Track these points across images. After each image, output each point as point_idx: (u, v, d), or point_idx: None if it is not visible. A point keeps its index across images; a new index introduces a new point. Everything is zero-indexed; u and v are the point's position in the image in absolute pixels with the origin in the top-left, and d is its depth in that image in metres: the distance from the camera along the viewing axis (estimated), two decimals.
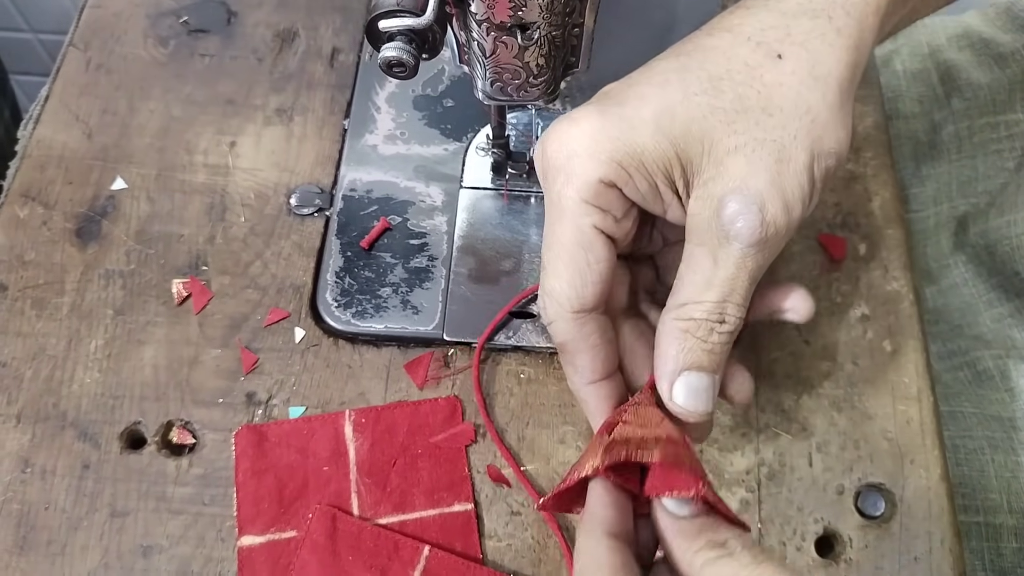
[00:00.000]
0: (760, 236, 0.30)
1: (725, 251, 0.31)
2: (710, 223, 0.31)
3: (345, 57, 0.57)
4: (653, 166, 0.32)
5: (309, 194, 0.52)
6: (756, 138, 0.30)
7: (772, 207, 0.30)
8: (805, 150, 0.31)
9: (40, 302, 0.48)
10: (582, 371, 0.35)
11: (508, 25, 0.36)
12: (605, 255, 0.33)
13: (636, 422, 0.32)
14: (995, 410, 0.53)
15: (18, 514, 0.43)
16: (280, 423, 0.45)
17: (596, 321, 0.34)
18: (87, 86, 0.55)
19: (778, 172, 0.30)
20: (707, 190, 0.31)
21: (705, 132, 0.31)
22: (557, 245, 0.33)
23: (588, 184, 0.32)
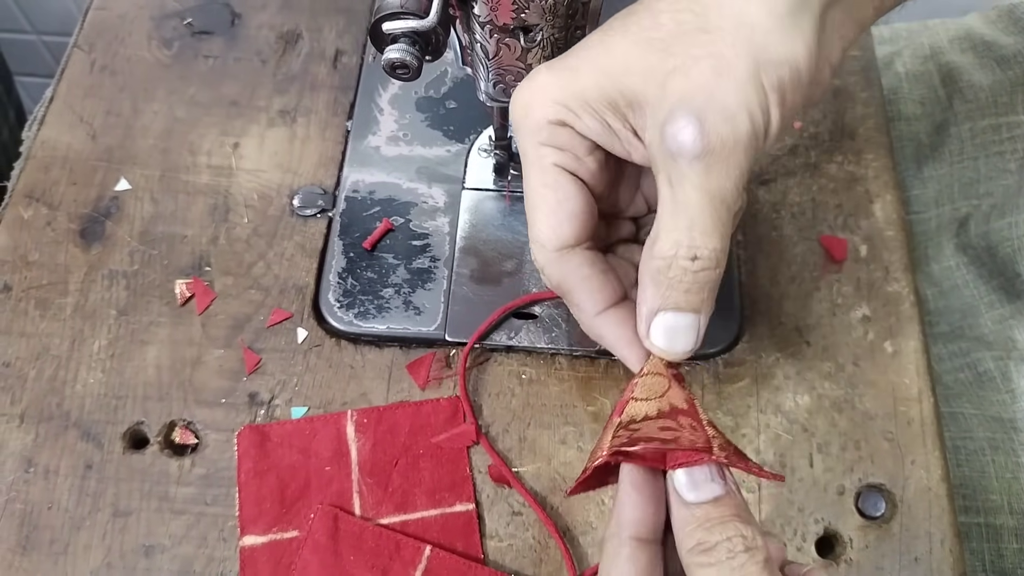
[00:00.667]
0: (702, 146, 0.29)
1: (676, 172, 0.30)
2: (659, 148, 0.31)
3: (348, 59, 0.57)
4: (599, 104, 0.32)
5: (312, 195, 0.52)
6: (692, 55, 0.30)
7: (712, 116, 0.29)
8: (745, 59, 0.30)
9: (44, 302, 0.48)
10: (582, 305, 0.35)
11: (511, 27, 0.36)
12: (572, 192, 0.34)
13: (643, 395, 0.32)
14: (996, 411, 0.53)
15: (21, 514, 0.43)
16: (282, 423, 0.45)
17: (580, 255, 0.35)
18: (91, 87, 0.55)
19: (716, 84, 0.30)
20: (654, 117, 0.31)
21: (645, 65, 0.31)
22: (529, 192, 0.35)
23: (541, 127, 0.34)
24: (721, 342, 0.48)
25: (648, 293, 0.32)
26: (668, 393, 0.32)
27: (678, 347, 0.32)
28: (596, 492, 0.44)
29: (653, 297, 0.32)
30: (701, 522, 0.29)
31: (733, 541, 0.28)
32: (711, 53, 0.30)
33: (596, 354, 0.48)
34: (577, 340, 0.47)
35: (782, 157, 0.54)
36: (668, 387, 0.33)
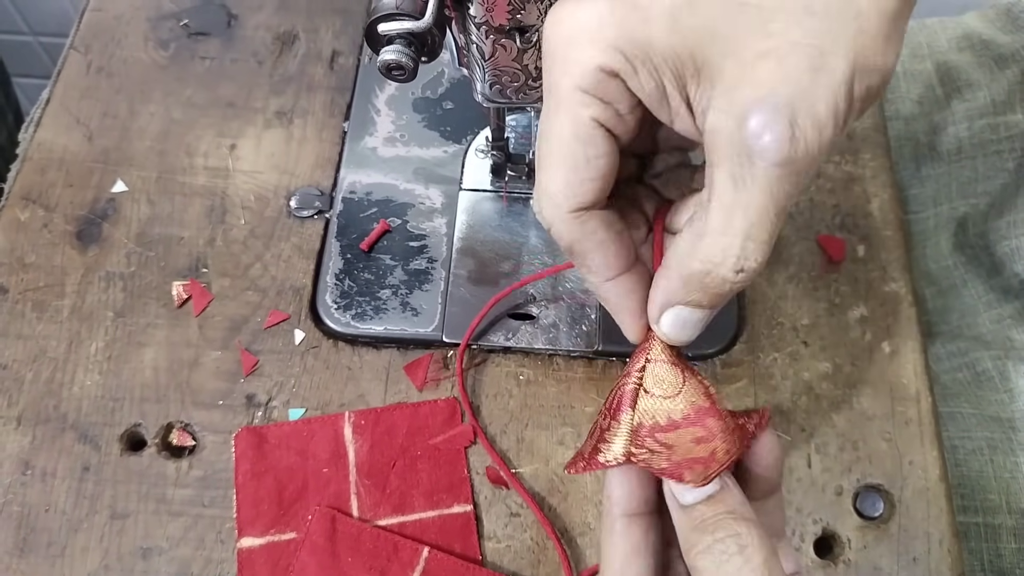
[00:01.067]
0: (789, 153, 0.26)
1: (749, 172, 0.27)
2: (731, 139, 0.27)
3: (345, 60, 0.57)
4: (662, 63, 0.27)
5: (309, 196, 0.52)
6: (791, 41, 0.26)
7: (803, 121, 0.26)
8: (847, 60, 0.26)
9: (41, 304, 0.48)
10: (597, 270, 0.32)
11: (507, 28, 0.36)
12: (605, 150, 0.29)
13: (658, 390, 0.30)
14: (994, 411, 0.53)
15: (18, 516, 0.43)
16: (280, 425, 0.45)
17: (599, 217, 0.31)
18: (88, 89, 0.55)
19: (812, 83, 0.26)
20: (730, 99, 0.27)
21: (732, 31, 0.26)
22: (553, 139, 0.29)
23: (587, 72, 0.28)
24: (719, 342, 0.48)
25: (673, 287, 0.30)
26: (685, 389, 0.30)
27: (684, 337, 0.31)
28: (593, 493, 0.44)
29: (676, 292, 0.30)
30: (696, 523, 0.29)
31: (726, 543, 0.28)
32: (812, 44, 0.26)
33: (594, 355, 0.47)
34: (575, 341, 0.47)
35: None
36: (683, 381, 0.31)
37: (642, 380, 0.31)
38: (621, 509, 0.31)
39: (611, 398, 0.31)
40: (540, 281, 0.49)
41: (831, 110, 0.26)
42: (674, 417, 0.30)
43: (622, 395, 0.31)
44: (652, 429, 0.30)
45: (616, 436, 0.30)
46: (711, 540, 0.28)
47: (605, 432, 0.31)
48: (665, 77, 0.28)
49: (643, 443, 0.30)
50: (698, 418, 0.30)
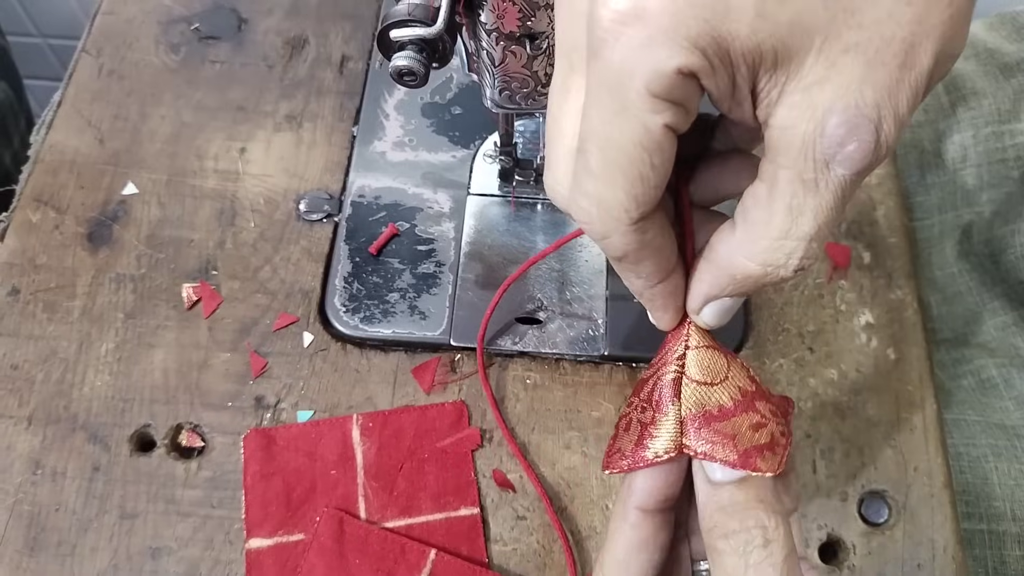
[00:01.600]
0: (871, 161, 0.24)
1: (823, 177, 0.24)
2: (806, 141, 0.24)
3: (354, 64, 0.57)
4: (740, 59, 0.24)
5: (318, 200, 0.52)
6: (884, 35, 0.23)
7: (888, 125, 0.24)
8: (933, 52, 0.23)
9: (51, 305, 0.49)
10: (648, 275, 0.30)
11: (517, 35, 0.37)
12: (671, 154, 0.26)
13: (704, 377, 0.29)
14: (999, 418, 0.53)
15: (29, 515, 0.43)
16: (288, 427, 0.45)
17: (657, 223, 0.28)
18: (99, 92, 0.56)
19: (899, 85, 0.24)
20: (809, 98, 0.24)
21: (820, 23, 0.23)
22: (613, 147, 0.26)
23: (663, 75, 0.24)
24: None
25: (722, 283, 0.28)
26: (730, 373, 0.29)
27: (722, 323, 0.30)
28: (600, 497, 0.44)
29: (725, 288, 0.29)
30: (724, 505, 0.28)
31: (752, 533, 0.27)
32: (904, 37, 0.23)
33: (600, 359, 0.48)
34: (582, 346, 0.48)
35: None
36: (727, 365, 0.29)
37: (684, 368, 0.29)
38: (639, 502, 0.30)
39: (646, 390, 0.30)
40: (547, 286, 0.49)
41: (912, 106, 0.24)
42: (724, 404, 0.28)
43: (662, 386, 0.29)
44: (705, 419, 0.28)
45: (662, 429, 0.29)
46: (737, 526, 0.27)
47: (648, 427, 0.29)
48: (739, 72, 0.25)
49: (699, 435, 0.28)
50: (748, 403, 0.29)
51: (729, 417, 0.28)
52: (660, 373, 0.30)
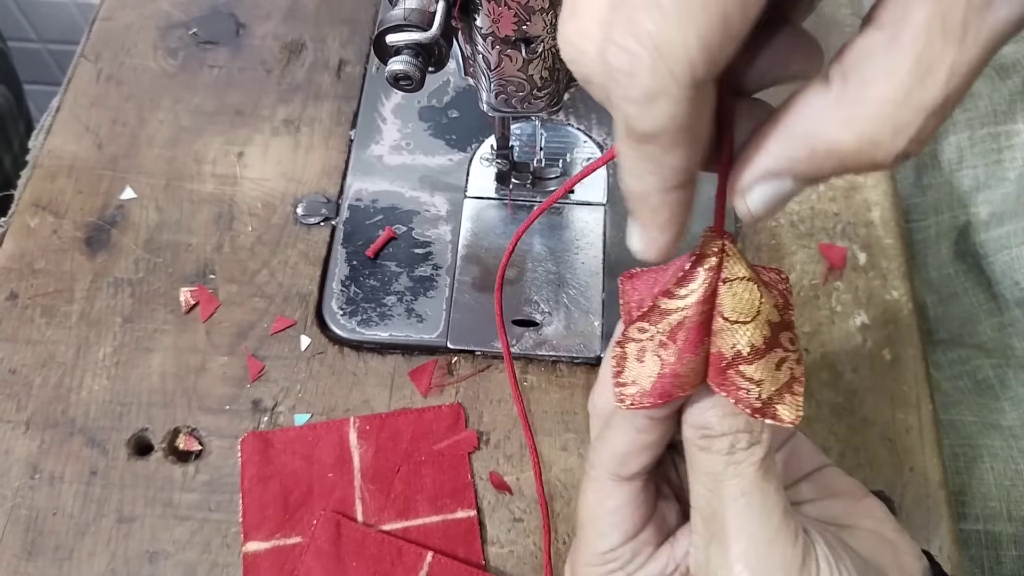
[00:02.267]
0: None
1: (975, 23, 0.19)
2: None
3: (352, 69, 0.58)
4: None
5: (315, 204, 0.52)
6: None
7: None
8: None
9: (49, 310, 0.49)
10: (671, 173, 0.23)
11: (513, 39, 0.37)
12: None
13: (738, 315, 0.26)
14: (995, 419, 0.53)
15: (26, 519, 0.44)
16: (285, 430, 0.46)
17: (710, 98, 0.23)
18: (98, 97, 0.56)
19: None
20: None
21: None
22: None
23: None
24: None
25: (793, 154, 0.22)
26: (763, 307, 0.26)
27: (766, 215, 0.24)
28: None
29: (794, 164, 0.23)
30: (715, 404, 0.28)
31: (738, 436, 0.27)
32: None
33: (596, 361, 0.48)
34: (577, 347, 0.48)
35: None
36: (760, 297, 0.26)
37: (716, 304, 0.26)
38: (611, 470, 0.30)
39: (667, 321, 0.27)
40: (544, 288, 0.50)
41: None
42: (756, 344, 0.26)
43: (690, 322, 0.26)
44: (735, 360, 0.26)
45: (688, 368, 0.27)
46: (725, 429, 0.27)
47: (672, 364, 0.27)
48: None
49: (726, 377, 0.26)
50: (775, 339, 0.26)
51: (758, 358, 0.26)
52: (688, 305, 0.26)
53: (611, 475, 0.31)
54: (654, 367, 0.27)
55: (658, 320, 0.27)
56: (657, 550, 0.32)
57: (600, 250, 0.51)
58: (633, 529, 0.31)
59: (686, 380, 0.27)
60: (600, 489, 0.31)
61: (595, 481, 0.31)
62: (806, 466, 0.35)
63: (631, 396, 0.28)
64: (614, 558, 0.32)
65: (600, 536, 0.32)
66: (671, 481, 0.34)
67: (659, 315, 0.27)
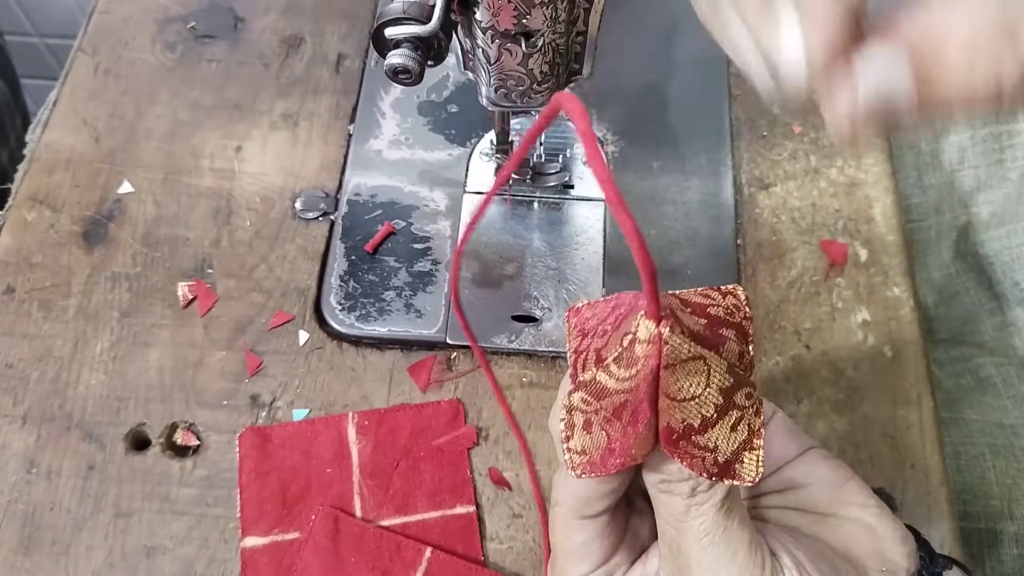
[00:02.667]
0: None
1: None
2: None
3: (351, 63, 0.57)
4: None
5: (314, 198, 0.52)
6: None
7: None
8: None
9: (47, 304, 0.49)
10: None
11: (512, 32, 0.37)
12: None
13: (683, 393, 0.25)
14: (997, 417, 0.53)
15: (23, 514, 0.43)
16: (284, 425, 0.45)
17: None
18: (95, 90, 0.56)
19: None
20: None
21: None
22: None
23: None
24: None
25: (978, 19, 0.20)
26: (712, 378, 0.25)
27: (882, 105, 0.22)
28: None
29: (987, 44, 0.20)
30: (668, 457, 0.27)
31: (699, 480, 0.28)
32: None
33: None
34: None
35: (782, 161, 0.54)
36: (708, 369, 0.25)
37: (659, 387, 0.25)
38: (575, 511, 0.31)
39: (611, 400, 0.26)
40: (543, 284, 0.49)
41: None
42: (706, 415, 0.25)
43: (634, 403, 0.25)
44: (685, 433, 0.26)
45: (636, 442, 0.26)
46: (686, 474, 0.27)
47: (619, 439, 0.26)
48: None
49: (678, 448, 0.26)
50: (728, 402, 0.25)
51: (710, 427, 0.26)
52: (627, 389, 0.25)
53: (575, 514, 0.31)
54: (601, 440, 0.27)
55: (600, 396, 0.26)
56: (631, 568, 0.32)
57: (600, 246, 0.50)
58: (603, 557, 0.32)
59: (636, 452, 0.27)
60: (565, 525, 0.31)
61: (560, 518, 0.32)
62: (787, 452, 0.35)
63: (582, 465, 0.27)
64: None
65: (571, 565, 0.32)
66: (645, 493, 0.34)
67: (600, 391, 0.26)
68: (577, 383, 0.27)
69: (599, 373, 0.25)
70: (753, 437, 0.26)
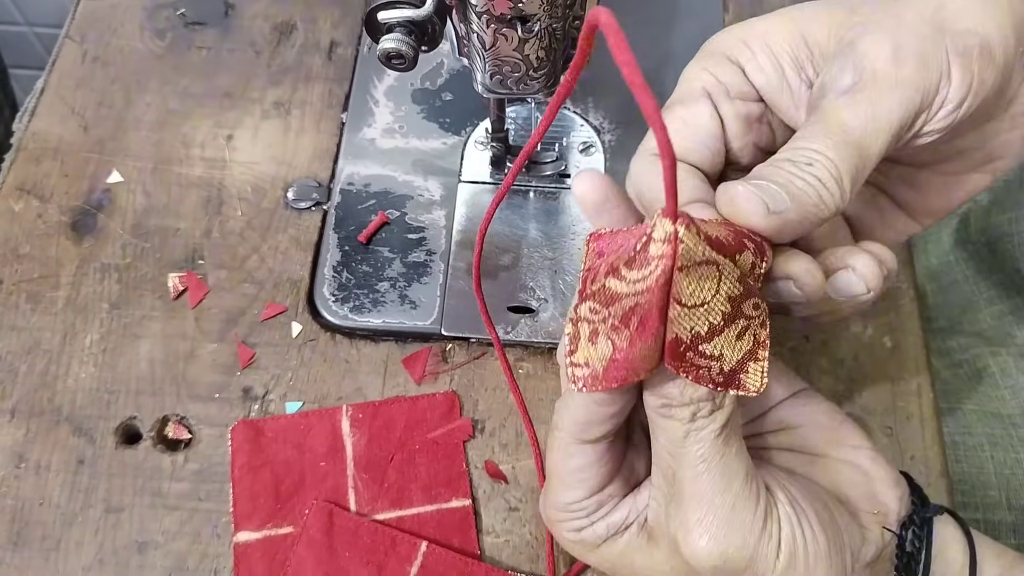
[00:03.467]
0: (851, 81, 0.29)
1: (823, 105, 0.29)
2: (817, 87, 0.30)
3: (343, 50, 0.57)
4: (778, 45, 0.32)
5: (306, 188, 0.51)
6: (875, 18, 0.30)
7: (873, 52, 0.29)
8: (930, 26, 0.29)
9: (35, 296, 0.48)
10: None
11: (508, 17, 0.36)
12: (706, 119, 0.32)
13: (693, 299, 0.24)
14: (995, 407, 0.53)
15: (12, 509, 0.43)
16: (277, 418, 0.45)
17: None
18: (83, 78, 0.55)
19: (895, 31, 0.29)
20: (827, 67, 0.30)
21: (831, 20, 0.31)
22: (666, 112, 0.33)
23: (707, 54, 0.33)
24: None
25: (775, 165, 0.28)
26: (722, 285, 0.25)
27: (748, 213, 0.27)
28: None
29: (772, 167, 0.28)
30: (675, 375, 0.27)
31: (700, 404, 0.27)
32: (895, 15, 0.30)
33: None
34: None
35: None
36: (719, 275, 0.25)
37: (670, 291, 0.24)
38: (576, 436, 0.30)
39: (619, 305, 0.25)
40: (540, 275, 0.49)
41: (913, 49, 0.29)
42: (714, 323, 0.25)
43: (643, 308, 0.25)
44: (693, 342, 0.25)
45: (643, 352, 0.25)
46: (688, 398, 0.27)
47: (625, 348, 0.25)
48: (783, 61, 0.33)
49: (684, 359, 0.26)
50: (736, 311, 0.25)
51: (717, 335, 0.25)
52: (639, 291, 0.25)
53: (574, 438, 0.31)
54: (606, 350, 0.26)
55: (609, 302, 0.26)
56: (622, 500, 0.32)
57: None
58: (598, 485, 0.32)
59: (640, 365, 0.26)
60: (563, 449, 0.31)
61: (558, 441, 0.31)
62: (780, 392, 0.35)
63: (583, 378, 0.27)
64: (578, 508, 0.32)
65: (565, 489, 0.32)
66: (644, 426, 0.33)
67: (609, 297, 0.25)
68: (584, 295, 0.26)
69: (609, 279, 0.25)
70: (758, 348, 0.26)
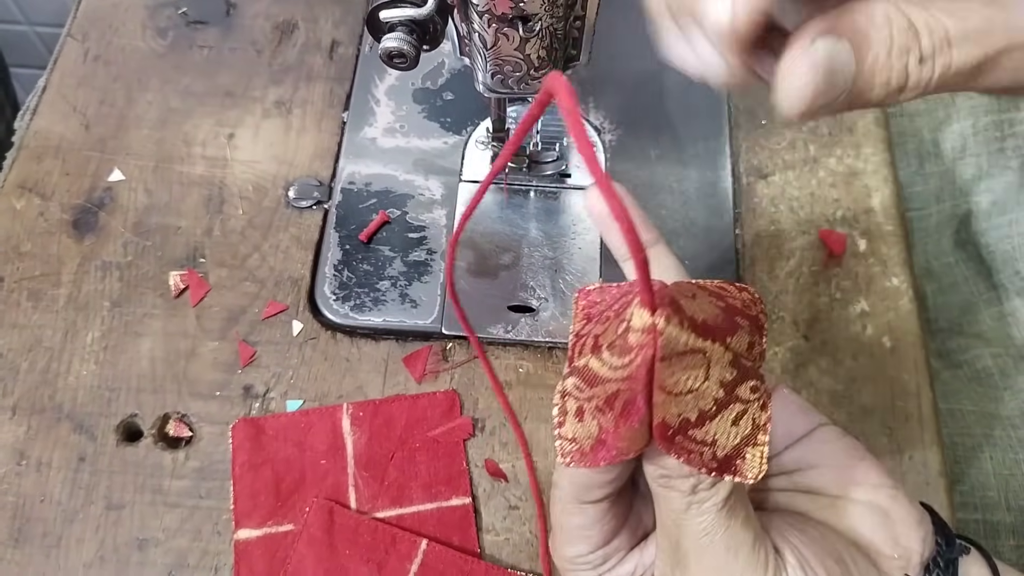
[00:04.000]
0: None
1: None
2: None
3: (344, 49, 0.57)
4: None
5: (308, 187, 0.51)
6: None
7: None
8: None
9: (36, 294, 0.48)
10: None
11: (509, 17, 0.36)
12: None
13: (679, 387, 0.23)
14: (994, 408, 0.53)
15: (13, 506, 0.43)
16: (277, 416, 0.45)
17: None
18: (85, 77, 0.55)
19: None
20: None
21: None
22: None
23: None
24: None
25: None
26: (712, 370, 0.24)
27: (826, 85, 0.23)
28: None
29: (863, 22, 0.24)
30: None
31: (700, 477, 0.26)
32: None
33: None
34: None
35: (781, 151, 0.54)
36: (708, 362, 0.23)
37: (653, 379, 0.23)
38: (575, 496, 0.30)
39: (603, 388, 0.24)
40: (540, 274, 0.49)
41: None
42: (704, 408, 0.24)
43: (627, 394, 0.24)
44: (681, 428, 0.24)
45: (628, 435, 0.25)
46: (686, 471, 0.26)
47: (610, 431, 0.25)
48: None
49: (673, 443, 0.25)
50: (730, 395, 0.24)
51: (709, 420, 0.24)
52: (620, 378, 0.24)
53: (573, 499, 0.30)
54: (593, 429, 0.25)
55: (593, 383, 0.24)
56: (628, 554, 0.32)
57: (598, 235, 0.50)
58: (603, 540, 0.31)
59: (629, 446, 0.25)
60: (564, 507, 0.31)
61: (559, 500, 0.31)
62: (797, 429, 0.33)
63: (571, 453, 0.26)
64: (583, 562, 0.31)
65: (569, 544, 0.32)
66: None
67: (593, 378, 0.24)
68: (572, 368, 0.26)
69: (592, 359, 0.24)
70: (757, 432, 0.25)
